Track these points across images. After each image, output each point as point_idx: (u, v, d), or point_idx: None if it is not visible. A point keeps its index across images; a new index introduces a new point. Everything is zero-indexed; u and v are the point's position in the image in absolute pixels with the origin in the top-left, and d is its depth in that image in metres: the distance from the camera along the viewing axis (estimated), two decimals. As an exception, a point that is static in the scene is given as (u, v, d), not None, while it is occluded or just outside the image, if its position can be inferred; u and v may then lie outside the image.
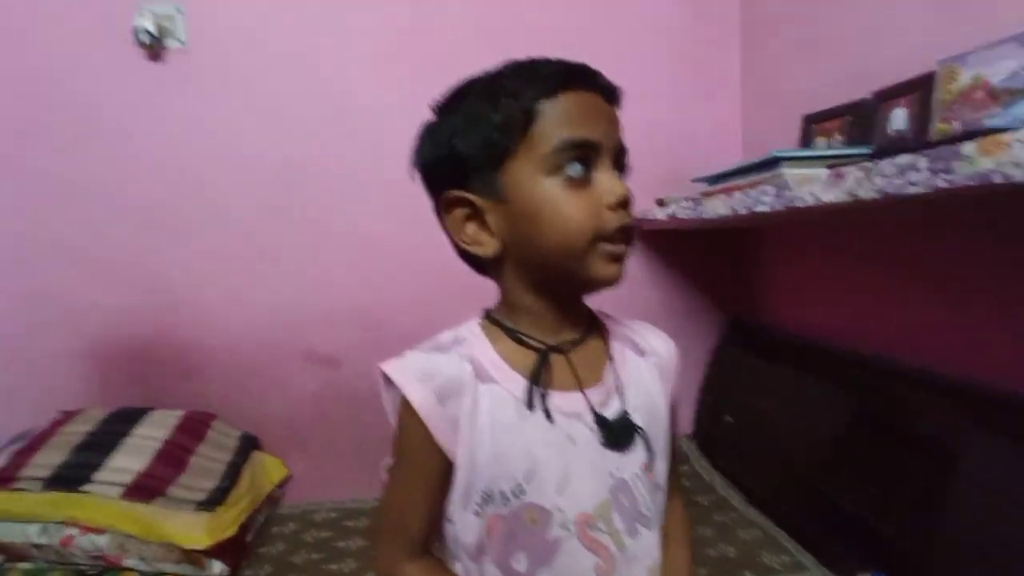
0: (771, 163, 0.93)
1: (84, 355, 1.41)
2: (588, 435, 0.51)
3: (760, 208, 0.87)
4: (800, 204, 0.79)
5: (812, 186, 0.80)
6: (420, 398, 0.48)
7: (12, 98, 1.37)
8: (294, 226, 1.47)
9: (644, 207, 1.44)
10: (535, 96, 0.46)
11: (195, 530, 1.11)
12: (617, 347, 0.56)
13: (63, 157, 1.39)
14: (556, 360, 0.51)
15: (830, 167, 0.93)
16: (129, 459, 1.16)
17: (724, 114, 1.63)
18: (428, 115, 0.54)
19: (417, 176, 0.54)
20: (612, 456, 0.51)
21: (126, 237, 1.41)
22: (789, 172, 0.90)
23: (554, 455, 0.49)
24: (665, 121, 1.56)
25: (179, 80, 1.42)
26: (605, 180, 0.47)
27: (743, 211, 0.94)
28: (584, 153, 0.47)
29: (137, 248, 1.42)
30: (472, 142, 0.48)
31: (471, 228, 0.50)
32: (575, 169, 0.46)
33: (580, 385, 0.51)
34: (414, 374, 0.48)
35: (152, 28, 1.35)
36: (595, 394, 0.52)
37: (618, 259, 0.48)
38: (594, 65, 0.50)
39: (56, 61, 1.38)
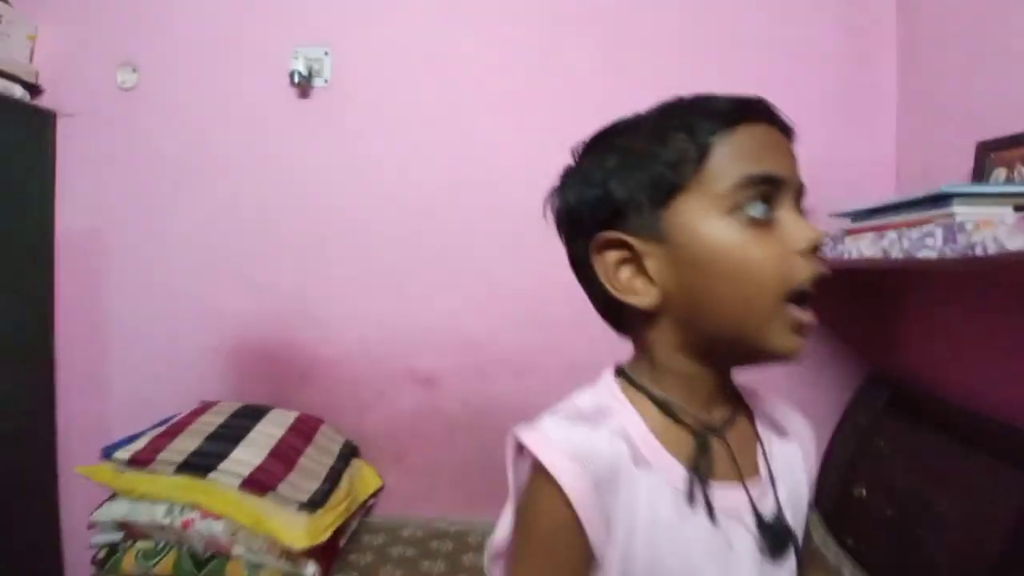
0: (939, 199, 0.79)
1: (223, 353, 1.57)
2: (748, 541, 0.43)
3: (925, 253, 0.73)
4: (980, 252, 0.66)
5: (997, 230, 0.66)
6: (575, 484, 0.40)
7: (191, 136, 1.58)
8: (410, 253, 1.53)
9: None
10: (711, 130, 0.41)
11: (297, 530, 1.16)
12: (763, 429, 0.48)
13: (225, 185, 1.57)
14: (713, 444, 0.44)
15: (1017, 207, 0.77)
16: (249, 452, 1.26)
17: (874, 139, 1.44)
18: (554, 163, 0.51)
19: (551, 219, 0.50)
20: (767, 567, 0.43)
21: (265, 254, 1.56)
22: (964, 211, 0.75)
23: (715, 566, 0.42)
24: (801, 146, 1.42)
25: (322, 115, 1.55)
26: (792, 221, 0.41)
27: (898, 255, 0.80)
28: (767, 191, 0.41)
29: (274, 264, 1.56)
30: (633, 180, 0.43)
31: (625, 273, 0.44)
32: (758, 209, 0.41)
33: (741, 477, 0.44)
34: (566, 452, 0.41)
35: (303, 69, 1.49)
36: (754, 489, 0.44)
37: (803, 331, 0.41)
38: (727, 84, 0.45)
39: (225, 102, 1.57)
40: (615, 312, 0.48)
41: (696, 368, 0.44)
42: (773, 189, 0.41)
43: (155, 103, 1.59)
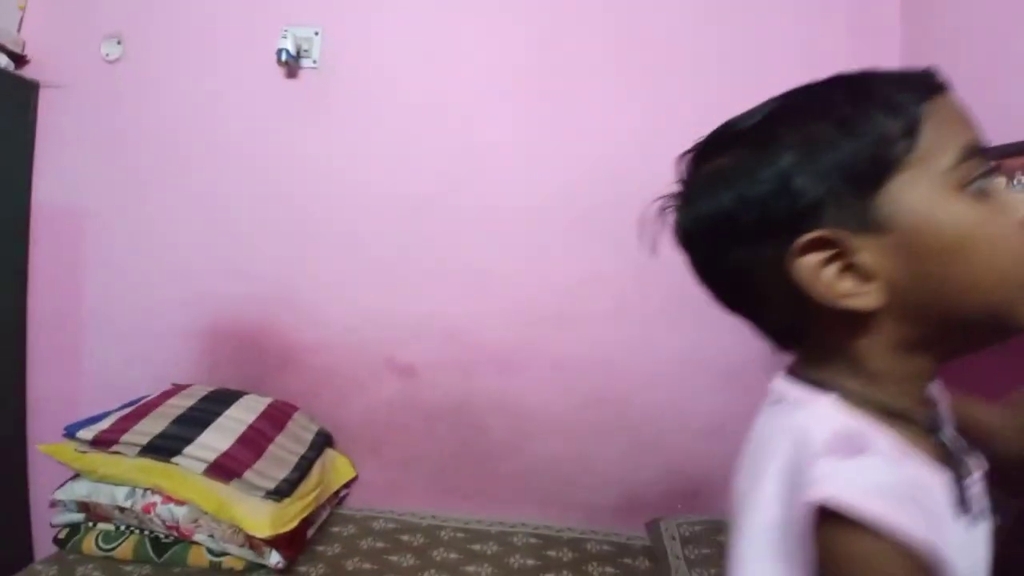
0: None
1: (201, 335, 1.54)
2: (985, 529, 0.40)
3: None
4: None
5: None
6: (923, 539, 0.32)
7: (176, 112, 1.53)
8: (398, 242, 1.50)
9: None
10: (916, 100, 0.38)
11: (260, 518, 1.13)
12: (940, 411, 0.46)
13: (209, 163, 1.53)
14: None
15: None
16: (216, 438, 1.23)
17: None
18: (551, 155, 0.46)
19: (672, 232, 0.44)
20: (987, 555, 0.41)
21: (248, 236, 1.52)
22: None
23: (980, 565, 0.39)
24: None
25: (310, 97, 1.51)
26: (1003, 189, 0.40)
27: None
28: (985, 162, 0.38)
29: (257, 247, 1.52)
30: (825, 170, 0.38)
31: (829, 275, 0.38)
32: (985, 182, 0.37)
33: (970, 468, 0.41)
34: (896, 500, 0.33)
35: (291, 49, 1.44)
36: (975, 475, 0.42)
37: None
38: (729, 85, 0.40)
39: (211, 78, 1.53)
40: (800, 323, 0.41)
41: (918, 365, 0.40)
42: (986, 159, 0.38)
43: (139, 76, 1.55)
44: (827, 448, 0.36)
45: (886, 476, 0.35)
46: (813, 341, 0.42)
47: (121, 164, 1.55)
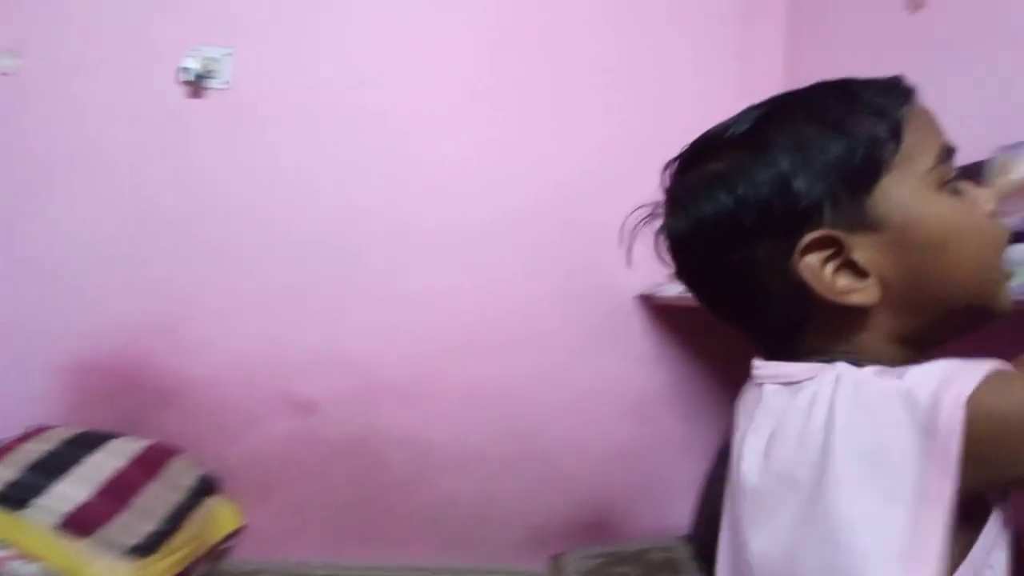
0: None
1: (70, 370, 1.40)
2: None
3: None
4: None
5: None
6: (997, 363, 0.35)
7: (65, 130, 1.43)
8: (297, 266, 1.44)
9: (655, 280, 1.32)
10: (896, 105, 0.41)
11: (117, 578, 1.03)
12: None
13: (90, 184, 1.43)
14: None
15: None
16: (75, 487, 1.12)
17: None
18: (457, 178, 0.45)
19: (660, 236, 0.47)
20: None
21: (132, 262, 1.42)
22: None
23: None
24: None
25: (217, 119, 1.45)
26: (969, 186, 0.42)
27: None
28: (953, 161, 0.42)
29: (141, 273, 1.42)
30: (822, 171, 0.40)
31: (829, 273, 0.40)
32: (958, 180, 0.41)
33: None
34: (969, 364, 0.35)
35: (198, 68, 1.39)
36: None
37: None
38: (656, 117, 0.41)
39: (111, 96, 1.44)
40: (797, 319, 0.43)
41: (911, 352, 0.43)
42: (953, 160, 0.42)
43: (33, 91, 1.44)
44: (884, 374, 0.37)
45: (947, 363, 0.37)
46: (810, 335, 0.44)
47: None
